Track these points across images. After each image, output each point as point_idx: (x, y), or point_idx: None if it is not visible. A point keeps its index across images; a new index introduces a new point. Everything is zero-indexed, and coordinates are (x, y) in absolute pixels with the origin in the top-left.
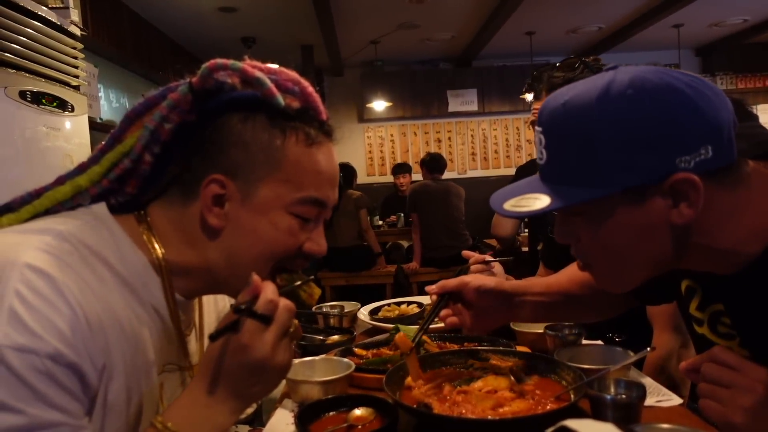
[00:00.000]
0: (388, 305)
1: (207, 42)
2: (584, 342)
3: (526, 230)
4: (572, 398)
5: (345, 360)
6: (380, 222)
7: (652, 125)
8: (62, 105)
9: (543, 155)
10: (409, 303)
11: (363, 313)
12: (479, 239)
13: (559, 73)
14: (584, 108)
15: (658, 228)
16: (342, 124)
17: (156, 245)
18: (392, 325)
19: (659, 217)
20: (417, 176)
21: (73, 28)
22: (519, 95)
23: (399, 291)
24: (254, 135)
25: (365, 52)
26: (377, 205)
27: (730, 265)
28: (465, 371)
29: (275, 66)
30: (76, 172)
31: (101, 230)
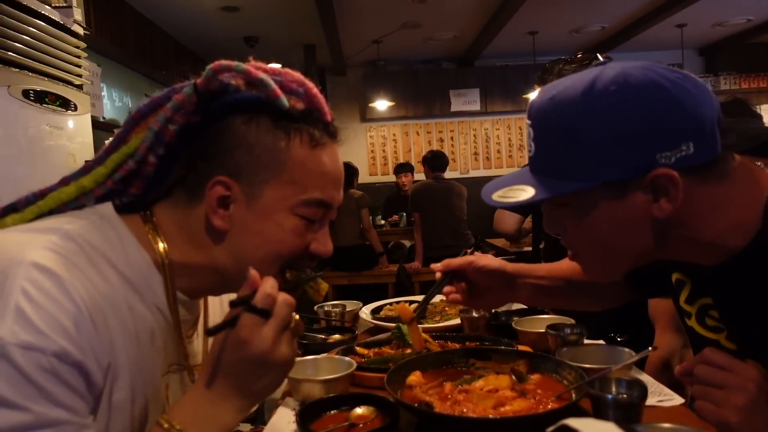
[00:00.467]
0: (390, 304)
1: (209, 41)
2: (586, 342)
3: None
4: (573, 397)
5: (346, 359)
6: (382, 221)
7: (633, 121)
8: (65, 104)
9: (531, 147)
10: (411, 302)
11: (365, 312)
12: (482, 239)
13: (570, 66)
14: (569, 103)
15: (640, 221)
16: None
17: (161, 245)
18: (394, 324)
19: (640, 211)
20: (420, 176)
21: (77, 28)
22: (521, 95)
23: (401, 290)
24: (258, 137)
25: (368, 52)
26: (379, 205)
27: (714, 257)
28: (466, 370)
29: (280, 67)
30: (81, 173)
31: (107, 230)
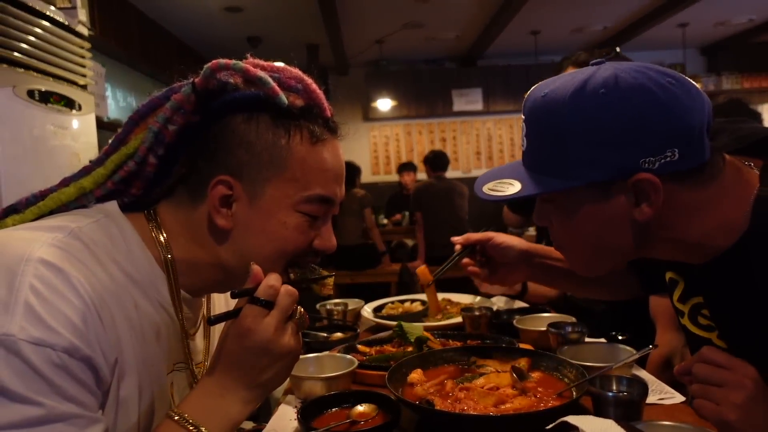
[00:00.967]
0: (392, 303)
1: (213, 42)
2: (587, 340)
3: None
4: (574, 395)
5: (348, 357)
6: (385, 220)
7: (618, 126)
8: (70, 104)
9: (524, 142)
10: (413, 300)
11: (366, 311)
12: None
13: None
14: (559, 102)
15: (621, 223)
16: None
17: (164, 244)
18: (395, 323)
19: (622, 213)
20: (422, 176)
21: (81, 28)
22: (523, 94)
23: (403, 289)
24: (258, 135)
25: (370, 52)
26: (382, 204)
27: (700, 256)
28: (467, 368)
29: (278, 64)
30: (81, 174)
31: (112, 228)
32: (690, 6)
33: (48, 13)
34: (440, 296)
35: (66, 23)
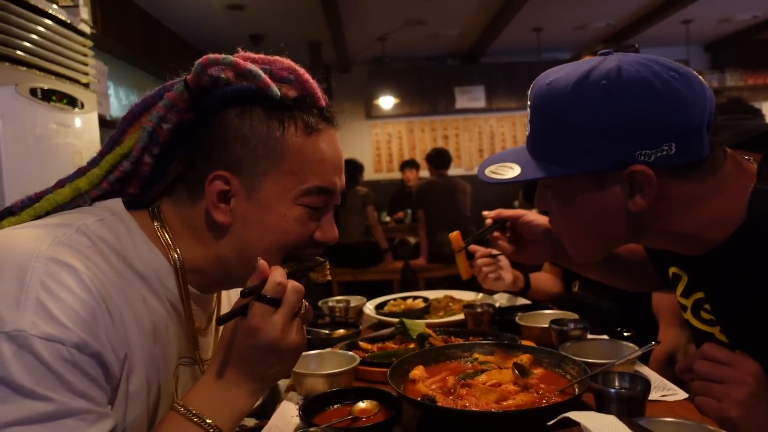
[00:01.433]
0: (394, 300)
1: (216, 40)
2: (589, 336)
3: None
4: (576, 392)
5: (350, 353)
6: (387, 218)
7: (616, 117)
8: (72, 102)
9: (528, 128)
10: (415, 297)
11: (369, 308)
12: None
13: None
14: (561, 91)
15: (615, 212)
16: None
17: (170, 242)
18: (397, 320)
19: (616, 203)
20: (425, 173)
21: (83, 26)
22: (526, 91)
23: (406, 287)
24: (252, 128)
25: (372, 49)
26: (384, 202)
27: (696, 248)
28: (470, 365)
29: (270, 56)
30: (76, 175)
31: (118, 226)
32: (693, 3)
33: (50, 12)
34: (442, 293)
35: (68, 21)
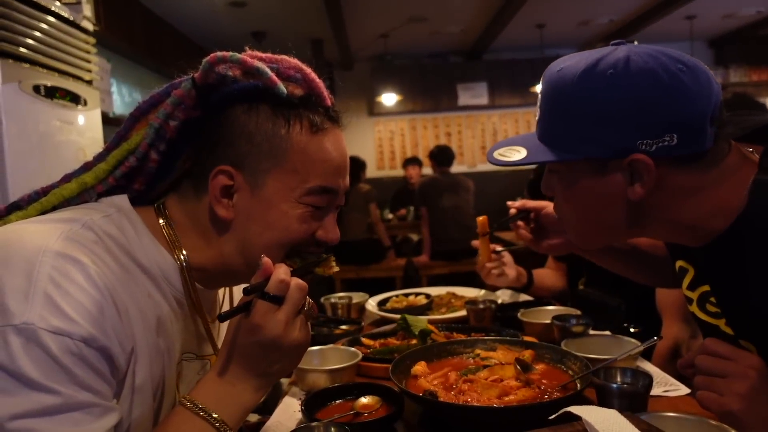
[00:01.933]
0: (396, 296)
1: (218, 37)
2: (591, 332)
3: None
4: (578, 387)
5: (352, 349)
6: (390, 215)
7: (620, 106)
8: (75, 99)
9: (537, 113)
10: (418, 294)
11: (371, 304)
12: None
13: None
14: (569, 78)
15: (615, 200)
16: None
17: (176, 238)
18: (399, 316)
19: (616, 191)
20: (428, 170)
21: (86, 24)
22: (529, 88)
23: (409, 284)
24: (258, 125)
25: (375, 46)
26: (387, 199)
27: (696, 238)
28: (471, 361)
29: (277, 55)
30: (82, 170)
31: (123, 222)
32: None
33: (53, 9)
34: (444, 290)
35: (71, 19)
